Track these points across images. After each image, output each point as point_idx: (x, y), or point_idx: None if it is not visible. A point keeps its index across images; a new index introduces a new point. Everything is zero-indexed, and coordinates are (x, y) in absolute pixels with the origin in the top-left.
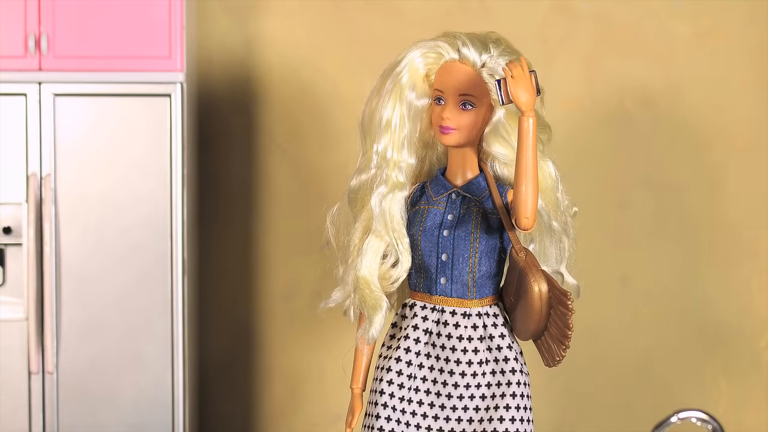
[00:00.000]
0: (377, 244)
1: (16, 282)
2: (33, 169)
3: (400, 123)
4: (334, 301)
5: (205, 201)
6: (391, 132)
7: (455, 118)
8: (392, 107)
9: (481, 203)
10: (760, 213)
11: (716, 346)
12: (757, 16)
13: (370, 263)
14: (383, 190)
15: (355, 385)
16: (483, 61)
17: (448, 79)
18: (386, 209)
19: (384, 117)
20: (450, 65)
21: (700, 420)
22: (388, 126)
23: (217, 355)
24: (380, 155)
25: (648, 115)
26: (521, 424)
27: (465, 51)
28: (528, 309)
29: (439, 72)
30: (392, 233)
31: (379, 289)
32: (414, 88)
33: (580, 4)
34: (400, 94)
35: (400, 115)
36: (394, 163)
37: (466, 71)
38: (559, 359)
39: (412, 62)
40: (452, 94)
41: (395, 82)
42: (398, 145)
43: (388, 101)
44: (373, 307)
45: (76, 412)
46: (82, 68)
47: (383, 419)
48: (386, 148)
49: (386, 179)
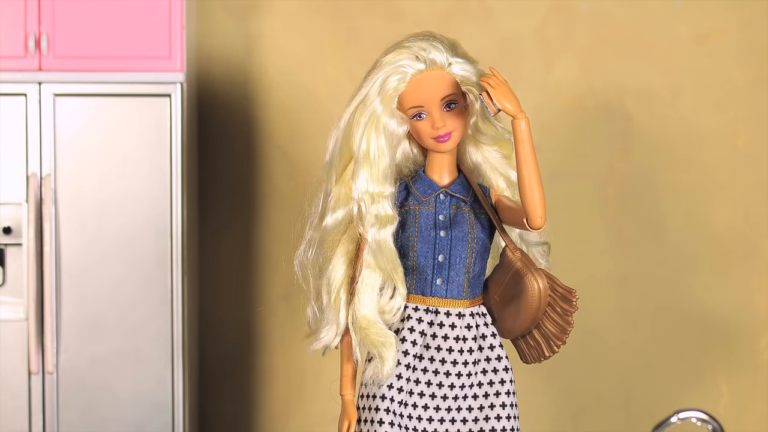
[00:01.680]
0: (373, 279)
1: (16, 282)
2: (33, 169)
3: (379, 154)
4: (323, 342)
5: (205, 201)
6: (370, 165)
7: (448, 123)
8: (368, 139)
9: (469, 203)
10: (760, 213)
11: (716, 346)
12: (757, 17)
13: (368, 300)
14: (377, 227)
15: (346, 391)
16: (448, 59)
17: (425, 91)
18: (382, 243)
19: (362, 150)
20: (420, 77)
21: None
22: (366, 159)
23: (217, 355)
24: (361, 191)
25: (648, 115)
26: (514, 421)
27: (432, 56)
28: (524, 307)
29: (411, 88)
30: (388, 266)
31: (383, 325)
32: (393, 115)
33: (580, 4)
34: (377, 124)
35: (378, 146)
36: (378, 196)
37: (439, 75)
38: (548, 355)
39: (383, 89)
40: (434, 103)
41: (370, 114)
42: (379, 177)
43: (364, 133)
44: (382, 344)
45: (76, 412)
46: (82, 68)
47: (387, 424)
48: (366, 182)
49: (375, 215)
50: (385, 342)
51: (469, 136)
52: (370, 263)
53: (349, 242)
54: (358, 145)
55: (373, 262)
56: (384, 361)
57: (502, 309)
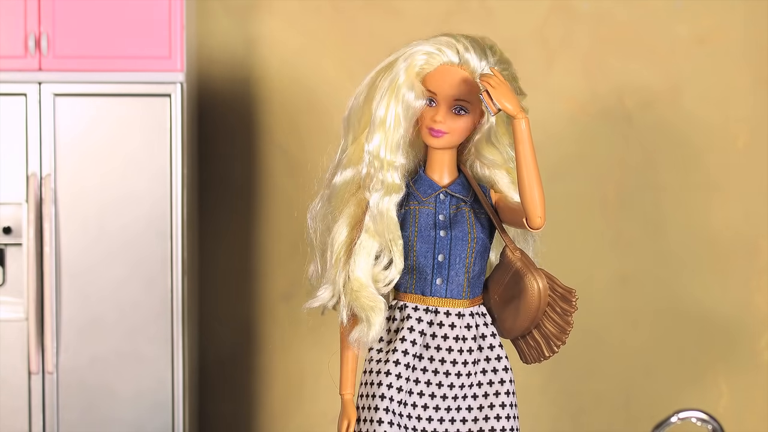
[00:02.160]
0: (370, 244)
1: (16, 282)
2: (33, 169)
3: (395, 123)
4: (320, 300)
5: (205, 201)
6: (384, 131)
7: (448, 123)
8: (386, 105)
9: (469, 203)
10: (760, 213)
11: (716, 346)
12: (757, 17)
13: (363, 264)
14: (381, 193)
15: (346, 390)
16: (482, 68)
17: (444, 83)
18: (384, 211)
19: (378, 115)
20: (447, 68)
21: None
22: (383, 125)
23: (217, 355)
24: (372, 155)
25: (648, 115)
26: (514, 421)
27: (467, 56)
28: (524, 307)
29: (435, 74)
30: (388, 234)
31: (375, 290)
32: (412, 87)
33: (580, 4)
34: (396, 92)
35: (395, 114)
36: (388, 164)
37: (464, 77)
38: (548, 355)
39: (411, 61)
40: (446, 98)
41: (392, 80)
42: (392, 145)
43: (383, 99)
44: (371, 308)
45: (76, 412)
46: (82, 68)
47: (386, 424)
48: (379, 147)
49: (382, 181)
50: (375, 306)
51: (473, 153)
52: (369, 228)
53: (356, 205)
54: (375, 109)
55: (372, 227)
56: (371, 326)
57: (502, 309)
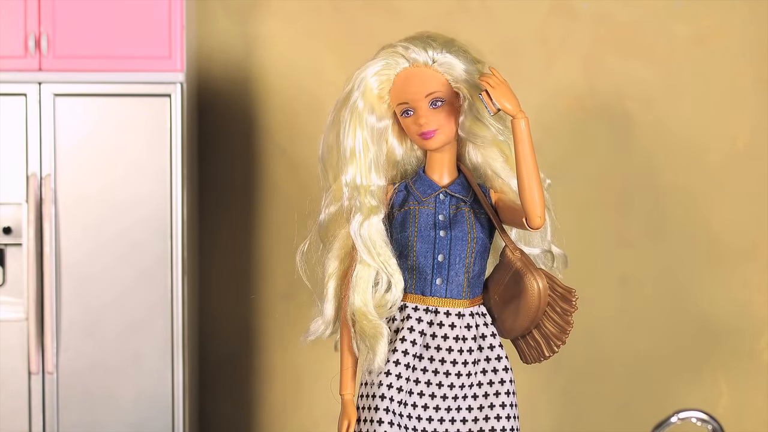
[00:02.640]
0: (366, 274)
1: (16, 282)
2: (33, 169)
3: (364, 148)
4: (312, 334)
5: (205, 201)
6: (356, 160)
7: (432, 120)
8: (353, 135)
9: (469, 203)
10: (760, 213)
11: (716, 346)
12: (757, 17)
13: (362, 294)
14: (359, 219)
15: (346, 391)
16: (432, 57)
17: (409, 88)
18: (366, 237)
19: (348, 147)
20: (403, 75)
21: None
22: (353, 155)
23: (217, 355)
24: (350, 185)
25: (648, 115)
26: (514, 421)
27: (413, 55)
28: (524, 307)
29: (396, 86)
30: (378, 258)
31: (376, 318)
32: (373, 110)
33: (580, 4)
34: (359, 120)
35: (362, 140)
36: (364, 189)
37: (423, 72)
38: (548, 355)
39: (365, 86)
40: (419, 99)
41: (352, 110)
42: (365, 170)
43: (349, 130)
44: (373, 336)
45: (76, 412)
46: (82, 68)
47: (386, 424)
48: (354, 176)
49: (360, 207)
50: (376, 334)
51: (463, 137)
52: (361, 258)
53: (345, 237)
54: (343, 141)
55: (362, 255)
56: (375, 354)
57: (502, 309)
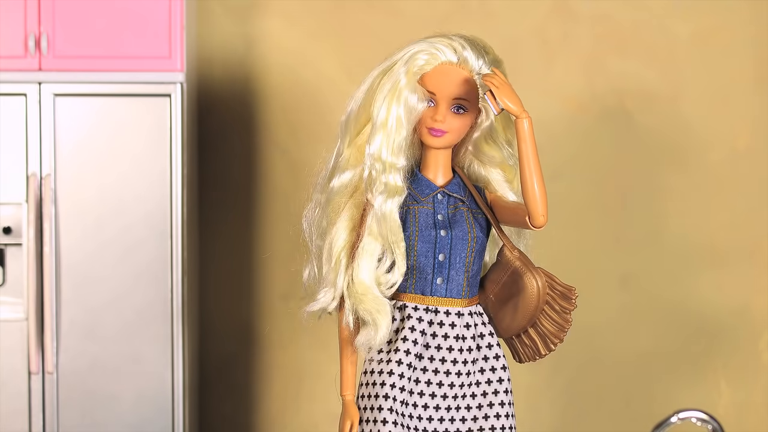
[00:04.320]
0: (373, 247)
1: (16, 282)
2: (33, 169)
3: (397, 125)
4: (320, 303)
5: (205, 201)
6: (386, 133)
7: (448, 122)
8: (388, 108)
9: (467, 203)
10: (760, 213)
11: (716, 347)
12: (757, 16)
13: (366, 266)
14: (383, 194)
15: (347, 392)
16: (479, 66)
17: (443, 83)
18: (387, 213)
19: (380, 118)
20: (446, 68)
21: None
22: (384, 127)
23: (217, 355)
24: (374, 157)
25: (648, 115)
26: (512, 420)
27: (466, 54)
28: (522, 305)
29: (434, 74)
30: (391, 237)
31: (379, 293)
32: (415, 90)
33: (580, 4)
34: (398, 95)
35: (396, 117)
36: (390, 166)
37: (463, 76)
38: (544, 354)
39: (411, 62)
40: (446, 97)
41: (394, 82)
42: (395, 148)
43: (384, 101)
44: (377, 311)
45: (76, 412)
46: (82, 68)
47: (390, 423)
48: (380, 149)
49: (385, 183)
50: (381, 309)
51: (470, 152)
52: (373, 230)
53: (354, 208)
54: (377, 112)
55: (375, 229)
56: (378, 329)
57: (499, 308)
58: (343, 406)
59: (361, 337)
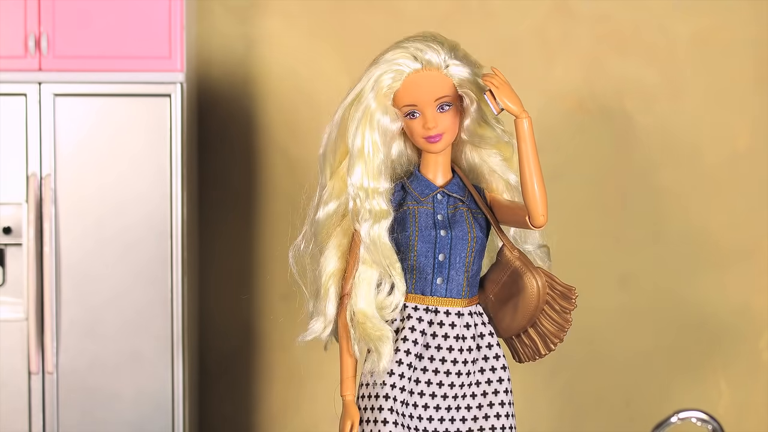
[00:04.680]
0: (369, 275)
1: (16, 282)
2: (33, 169)
3: (373, 150)
4: (312, 333)
5: (205, 201)
6: (364, 160)
7: (440, 124)
8: (362, 135)
9: (466, 203)
10: (760, 213)
11: (716, 346)
12: (757, 16)
13: (365, 295)
14: (369, 222)
15: (348, 392)
16: (444, 60)
17: (419, 92)
18: (377, 240)
19: (356, 146)
20: (415, 77)
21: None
22: (361, 155)
23: (217, 355)
24: (356, 186)
25: (648, 115)
26: (513, 419)
27: (428, 57)
28: (522, 305)
29: (406, 88)
30: (384, 261)
31: (380, 320)
32: (386, 111)
33: (580, 4)
34: (371, 121)
35: (372, 141)
36: (372, 192)
37: (435, 76)
38: (544, 354)
39: (378, 86)
40: (428, 102)
41: (365, 109)
42: (374, 173)
43: (359, 131)
44: (379, 339)
45: (76, 412)
46: (82, 68)
47: (391, 424)
48: (362, 177)
49: (369, 210)
50: (381, 336)
51: (464, 139)
52: (366, 259)
53: (342, 235)
54: (352, 141)
55: (368, 257)
56: (380, 356)
57: (498, 308)
58: (343, 406)
59: (367, 365)
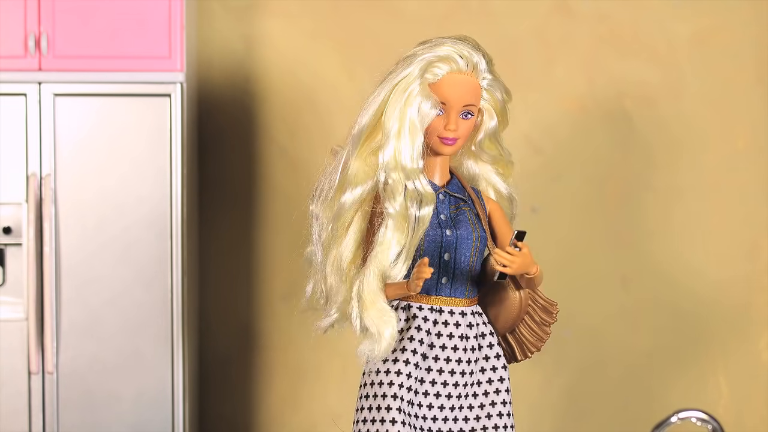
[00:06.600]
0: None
1: (16, 282)
2: (33, 169)
3: (413, 132)
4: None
5: (205, 201)
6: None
7: (459, 129)
8: (402, 116)
9: (467, 203)
10: (760, 213)
11: (716, 347)
12: (757, 16)
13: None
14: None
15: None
16: (486, 73)
17: (454, 92)
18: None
19: (394, 127)
20: (457, 77)
21: (700, 420)
22: (400, 135)
23: (217, 355)
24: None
25: (648, 115)
26: (512, 419)
27: (476, 61)
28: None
29: (445, 83)
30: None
31: (387, 303)
32: (429, 97)
33: (580, 4)
34: (412, 103)
35: (412, 124)
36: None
37: (472, 83)
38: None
39: (425, 72)
40: (456, 105)
41: (408, 91)
42: (414, 155)
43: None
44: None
45: (76, 412)
46: (82, 68)
47: (399, 423)
48: (399, 157)
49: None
50: (387, 320)
51: (471, 152)
52: (388, 240)
53: (361, 220)
54: (393, 121)
55: (394, 237)
56: (382, 340)
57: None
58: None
59: (363, 346)
